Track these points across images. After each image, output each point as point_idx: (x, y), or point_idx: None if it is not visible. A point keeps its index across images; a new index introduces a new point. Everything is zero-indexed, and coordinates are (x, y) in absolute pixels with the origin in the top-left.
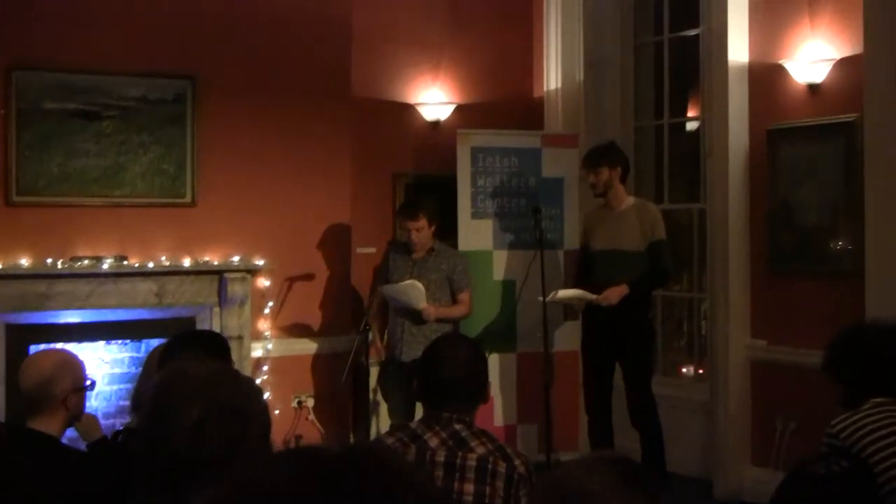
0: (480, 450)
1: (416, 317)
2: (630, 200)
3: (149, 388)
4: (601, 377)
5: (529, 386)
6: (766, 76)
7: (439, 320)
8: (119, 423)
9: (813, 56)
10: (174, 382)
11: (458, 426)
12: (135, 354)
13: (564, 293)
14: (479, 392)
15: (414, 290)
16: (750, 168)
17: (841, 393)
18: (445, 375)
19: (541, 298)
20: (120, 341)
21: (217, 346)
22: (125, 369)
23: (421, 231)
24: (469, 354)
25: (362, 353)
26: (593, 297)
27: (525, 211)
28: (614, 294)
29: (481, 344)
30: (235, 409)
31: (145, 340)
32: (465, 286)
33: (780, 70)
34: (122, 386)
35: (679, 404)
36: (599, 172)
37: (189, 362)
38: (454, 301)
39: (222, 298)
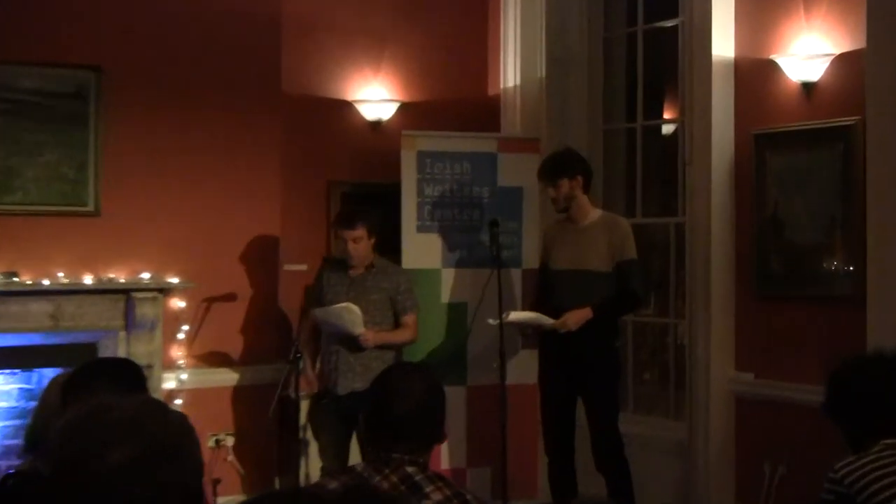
0: (437, 496)
1: (353, 343)
2: (596, 214)
3: (58, 426)
4: (562, 414)
5: (481, 424)
6: (754, 73)
7: (380, 347)
8: (6, 465)
9: (808, 51)
10: (93, 419)
11: (410, 469)
12: (26, 386)
13: (518, 315)
14: (435, 430)
15: (349, 314)
16: (735, 177)
17: (844, 434)
18: (397, 411)
19: (491, 321)
20: (8, 371)
21: (131, 377)
22: (14, 403)
23: (360, 242)
24: (424, 387)
25: (291, 385)
26: (550, 321)
27: (478, 224)
28: (574, 318)
29: None
30: (167, 449)
31: (38, 370)
32: (410, 308)
33: (770, 66)
34: (10, 423)
35: (652, 444)
36: (559, 185)
37: (108, 395)
38: (397, 324)
39: (129, 322)
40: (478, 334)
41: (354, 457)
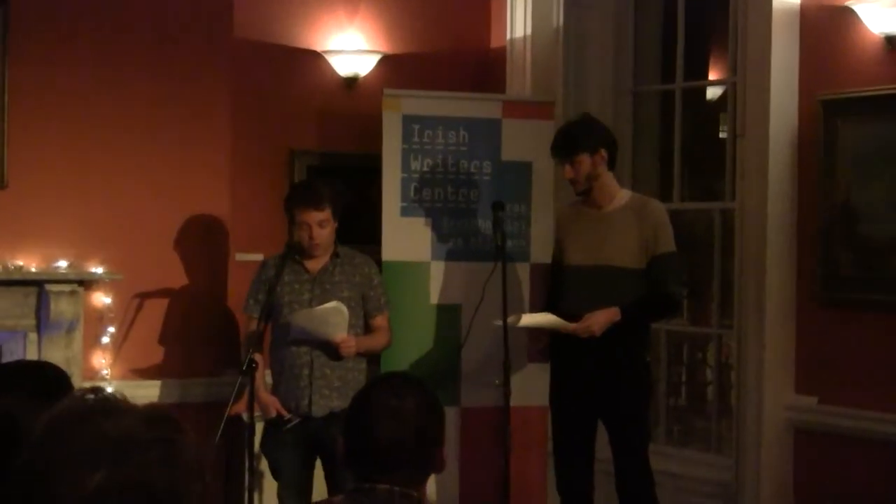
0: None
1: (330, 352)
2: (623, 196)
3: (42, 422)
4: (579, 443)
5: (478, 454)
6: (824, 24)
7: (358, 355)
8: None
9: None
10: (70, 431)
11: (401, 503)
12: None
13: (531, 319)
14: (430, 456)
15: (337, 317)
16: (798, 154)
17: None
18: (385, 433)
19: (498, 322)
20: None
21: (52, 387)
22: None
23: (325, 226)
24: (418, 404)
25: (243, 403)
26: (571, 326)
27: (477, 207)
28: (599, 321)
29: None
30: (156, 491)
31: None
32: (384, 306)
33: (845, 15)
34: None
35: (688, 485)
36: (578, 162)
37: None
38: (367, 327)
39: (42, 321)
40: (475, 343)
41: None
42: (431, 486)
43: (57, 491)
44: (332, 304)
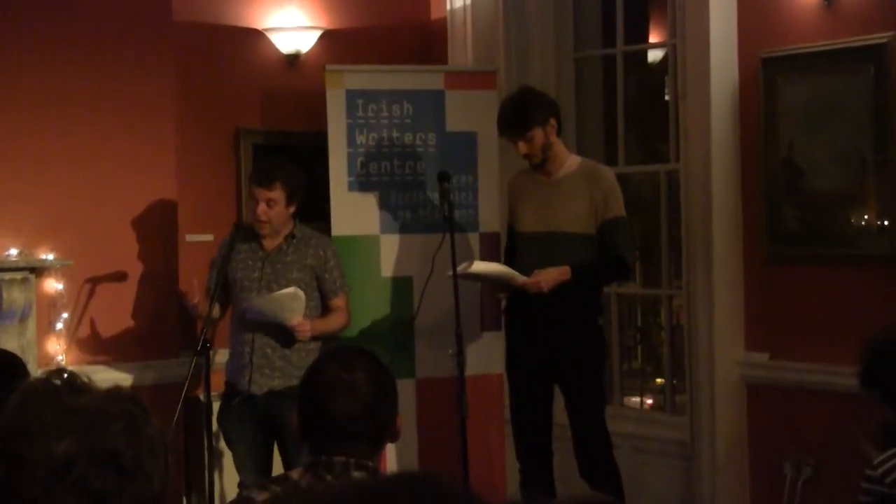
0: None
1: (282, 336)
2: (573, 162)
3: (15, 393)
4: (536, 409)
5: (436, 424)
6: None
7: (314, 338)
8: None
9: None
10: (39, 404)
11: (357, 474)
12: None
13: (483, 266)
14: (385, 427)
15: (294, 302)
16: (740, 113)
17: (885, 419)
18: (338, 405)
19: (450, 273)
20: None
21: (9, 373)
22: None
23: (274, 206)
24: (370, 375)
25: (199, 383)
26: (521, 278)
27: (424, 179)
28: (549, 277)
29: None
30: (121, 460)
31: None
32: (341, 287)
33: None
34: None
35: (646, 445)
36: (531, 137)
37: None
38: (325, 308)
39: None
40: (428, 315)
41: (277, 468)
42: (391, 456)
43: (28, 455)
44: (291, 289)
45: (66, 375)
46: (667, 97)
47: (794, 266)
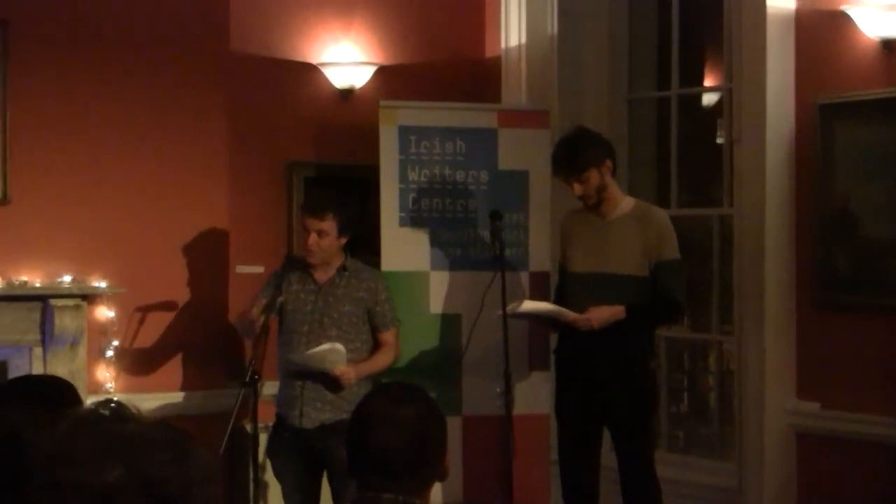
0: None
1: (329, 382)
2: (627, 203)
3: (63, 425)
4: (584, 450)
5: (481, 463)
6: (819, 28)
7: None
8: None
9: None
10: (89, 431)
11: None
12: None
13: (533, 305)
14: (431, 464)
15: (334, 355)
16: (796, 159)
17: None
18: (386, 443)
19: (499, 313)
20: None
21: (61, 399)
22: None
23: (325, 237)
24: (416, 412)
25: (246, 414)
26: (572, 315)
27: (475, 216)
28: (601, 315)
29: None
30: (168, 490)
31: None
32: (391, 322)
33: (840, 19)
34: None
35: (691, 492)
36: (587, 179)
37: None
38: (375, 342)
39: (46, 335)
40: (476, 352)
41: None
42: (437, 495)
43: (75, 483)
44: (327, 346)
45: (113, 405)
46: (719, 140)
47: (847, 314)
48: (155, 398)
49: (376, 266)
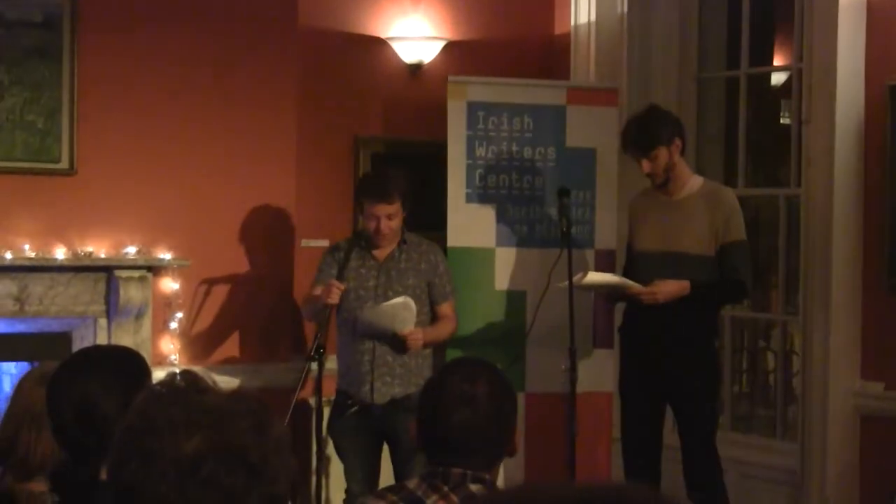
0: None
1: (396, 344)
2: (695, 183)
3: (141, 395)
4: (647, 429)
5: (544, 439)
6: (892, 10)
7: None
8: None
9: None
10: (168, 401)
11: (474, 487)
12: None
13: (596, 277)
14: (504, 441)
15: (405, 312)
16: (865, 140)
17: None
18: (459, 418)
19: (565, 283)
20: None
21: (133, 372)
22: None
23: (394, 219)
24: (492, 389)
25: (311, 388)
26: (637, 287)
27: (542, 193)
28: (667, 289)
29: None
30: (250, 458)
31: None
32: (451, 293)
33: None
34: None
35: (753, 472)
36: (655, 156)
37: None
38: (434, 315)
39: (111, 307)
40: (541, 330)
41: (386, 478)
42: (499, 471)
43: (158, 452)
44: (401, 299)
45: (189, 376)
46: (783, 120)
47: None
48: (218, 371)
49: (443, 242)
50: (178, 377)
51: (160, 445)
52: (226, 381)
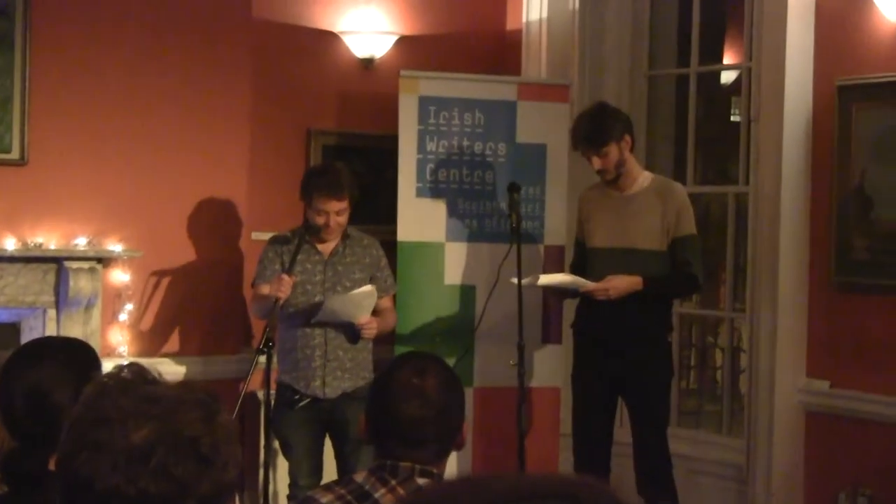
0: None
1: (351, 334)
2: (645, 178)
3: (89, 387)
4: (598, 424)
5: (493, 434)
6: (840, 10)
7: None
8: None
9: None
10: (117, 392)
11: (422, 481)
12: None
13: (550, 278)
14: (452, 434)
15: (369, 299)
16: (813, 139)
17: None
18: (409, 412)
19: (514, 280)
20: None
21: (82, 363)
22: None
23: (343, 215)
24: (441, 382)
25: (259, 381)
26: (591, 284)
27: (492, 188)
28: (619, 284)
29: None
30: (200, 448)
31: None
32: (392, 287)
33: (861, 2)
34: None
35: (701, 468)
36: (606, 154)
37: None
38: (375, 309)
39: (61, 297)
40: (489, 324)
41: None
42: (450, 466)
43: (108, 442)
44: (368, 288)
45: (136, 368)
46: (734, 118)
47: (859, 295)
48: (167, 362)
49: (392, 236)
50: (125, 369)
51: (110, 436)
52: (175, 373)
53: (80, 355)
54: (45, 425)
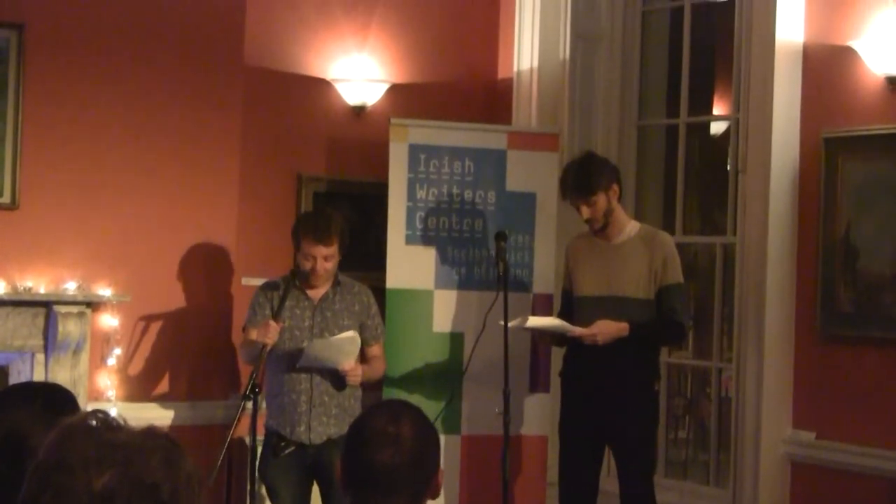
0: None
1: (336, 380)
2: (633, 227)
3: (55, 431)
4: (586, 469)
5: (479, 480)
6: (827, 63)
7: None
8: None
9: (894, 37)
10: (79, 438)
11: None
12: None
13: (537, 321)
14: (427, 482)
15: (352, 346)
16: (799, 190)
17: None
18: (382, 460)
19: (502, 322)
20: None
21: (61, 406)
22: None
23: (330, 260)
24: (415, 430)
25: (246, 427)
26: (578, 330)
27: (481, 237)
28: (607, 330)
29: None
30: (160, 494)
31: None
32: (382, 335)
33: (847, 54)
34: None
35: None
36: (595, 203)
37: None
38: (364, 356)
39: (49, 341)
40: (477, 372)
41: None
42: None
43: (70, 488)
44: (350, 333)
45: (101, 415)
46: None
47: (845, 346)
48: (156, 407)
49: (381, 283)
50: (89, 415)
51: (72, 482)
52: (162, 418)
53: (59, 399)
54: (19, 469)
